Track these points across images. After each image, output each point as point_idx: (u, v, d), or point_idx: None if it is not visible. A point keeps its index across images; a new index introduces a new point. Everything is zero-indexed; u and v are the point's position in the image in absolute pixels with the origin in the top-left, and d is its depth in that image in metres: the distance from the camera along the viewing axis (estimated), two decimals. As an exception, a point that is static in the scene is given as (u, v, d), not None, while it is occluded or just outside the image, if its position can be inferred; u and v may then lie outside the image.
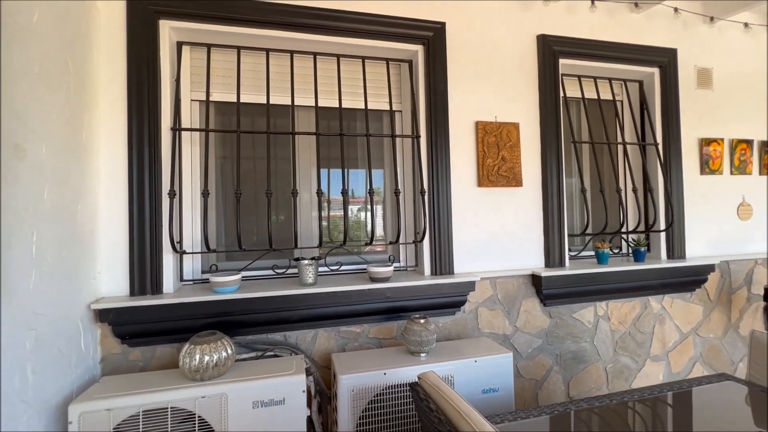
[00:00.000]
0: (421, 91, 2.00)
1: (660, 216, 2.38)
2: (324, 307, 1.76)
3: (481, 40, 2.09)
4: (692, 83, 2.49)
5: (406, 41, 1.98)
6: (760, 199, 2.64)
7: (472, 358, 1.62)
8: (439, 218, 1.97)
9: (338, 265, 1.97)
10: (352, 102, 2.02)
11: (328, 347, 1.84)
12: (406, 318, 1.92)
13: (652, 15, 2.38)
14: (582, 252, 2.39)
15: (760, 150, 2.65)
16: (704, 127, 2.52)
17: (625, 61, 2.34)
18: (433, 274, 1.96)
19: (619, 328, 2.29)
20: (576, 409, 1.32)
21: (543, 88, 2.17)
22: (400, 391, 1.52)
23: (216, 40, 1.81)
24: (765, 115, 2.67)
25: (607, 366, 2.26)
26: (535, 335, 2.13)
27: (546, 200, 2.15)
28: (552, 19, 2.20)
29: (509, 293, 2.10)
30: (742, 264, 2.58)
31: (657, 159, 2.39)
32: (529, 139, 2.15)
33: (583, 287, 2.15)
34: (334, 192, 2.07)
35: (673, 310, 2.41)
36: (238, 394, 1.38)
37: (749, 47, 2.65)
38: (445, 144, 1.99)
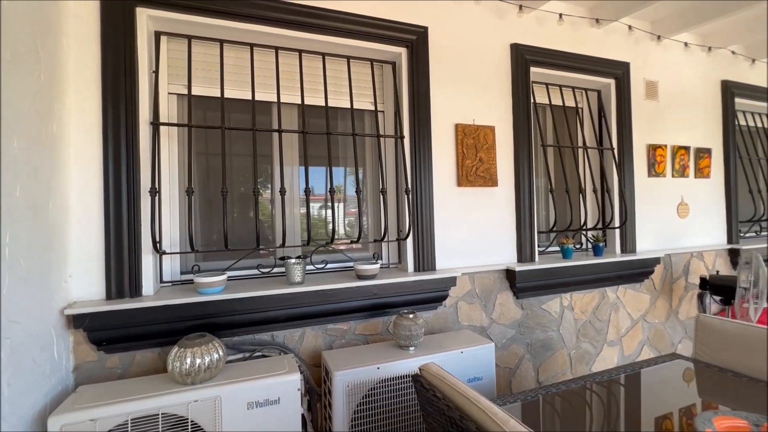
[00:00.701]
0: (405, 92, 2.05)
1: (615, 214, 2.62)
2: (312, 306, 1.76)
3: (461, 46, 2.18)
4: (642, 94, 2.76)
5: (390, 43, 2.02)
6: (695, 200, 2.98)
7: (458, 350, 1.71)
8: (422, 216, 2.04)
9: (324, 263, 1.98)
10: (334, 101, 2.02)
11: (316, 345, 1.85)
12: (391, 314, 1.97)
13: (610, 30, 2.60)
14: (549, 248, 2.57)
15: (695, 156, 2.99)
16: (651, 134, 2.80)
17: (586, 71, 2.54)
18: (416, 271, 2.03)
19: (581, 317, 2.50)
20: (555, 392, 1.44)
21: (516, 94, 2.30)
22: (393, 384, 1.57)
23: (197, 32, 1.74)
24: (698, 125, 3.02)
25: (571, 352, 2.46)
26: (509, 326, 2.27)
27: (519, 199, 2.29)
28: (524, 29, 2.34)
29: (486, 287, 2.22)
30: (681, 257, 2.90)
31: (613, 162, 2.62)
32: (504, 141, 2.28)
33: (551, 280, 2.32)
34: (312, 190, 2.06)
35: (626, 299, 2.67)
36: (232, 396, 1.36)
37: (688, 64, 2.98)
38: (428, 145, 2.06)
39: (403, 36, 2.02)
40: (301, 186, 2.01)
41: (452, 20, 2.16)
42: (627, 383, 1.49)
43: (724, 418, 1.08)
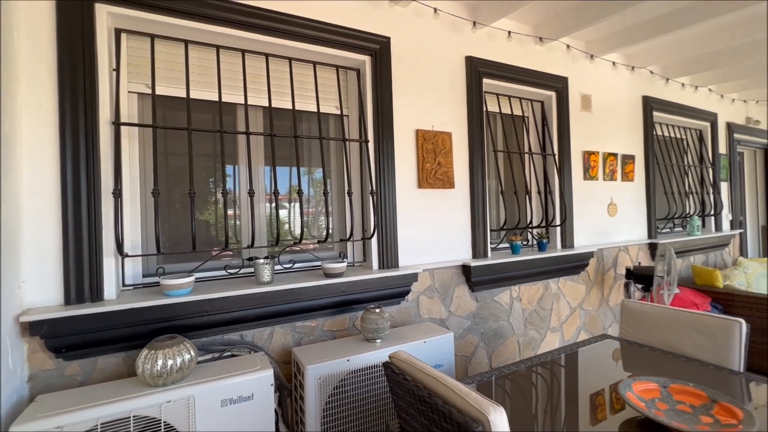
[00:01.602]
0: (369, 98, 2.15)
1: (556, 213, 2.91)
2: (281, 304, 1.81)
3: (421, 56, 2.32)
4: (578, 106, 3.09)
5: (354, 51, 2.10)
6: (622, 200, 3.38)
7: (421, 340, 1.84)
8: (385, 217, 2.15)
9: (292, 263, 2.03)
10: (301, 104, 2.08)
11: (285, 343, 1.89)
12: (357, 310, 2.06)
13: (552, 48, 2.89)
14: (500, 245, 2.80)
15: (622, 161, 3.40)
16: (586, 142, 3.14)
17: (531, 84, 2.80)
18: (380, 268, 2.14)
19: (527, 307, 2.76)
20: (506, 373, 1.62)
21: (470, 103, 2.49)
22: (362, 374, 1.66)
23: (160, 31, 1.72)
24: (624, 134, 3.43)
25: (519, 339, 2.71)
26: (465, 317, 2.46)
27: (473, 200, 2.48)
28: (478, 43, 2.54)
29: (445, 282, 2.38)
30: (611, 251, 3.29)
31: (554, 166, 2.92)
32: (460, 146, 2.46)
33: (502, 274, 2.54)
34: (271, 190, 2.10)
35: (566, 290, 2.97)
36: (205, 395, 1.38)
37: (616, 80, 3.37)
38: (391, 149, 2.18)
39: (367, 45, 2.12)
40: (265, 186, 2.04)
41: (413, 32, 2.29)
42: (566, 362, 1.71)
43: (640, 383, 1.31)
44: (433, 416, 1.04)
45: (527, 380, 1.57)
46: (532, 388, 1.52)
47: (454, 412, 0.94)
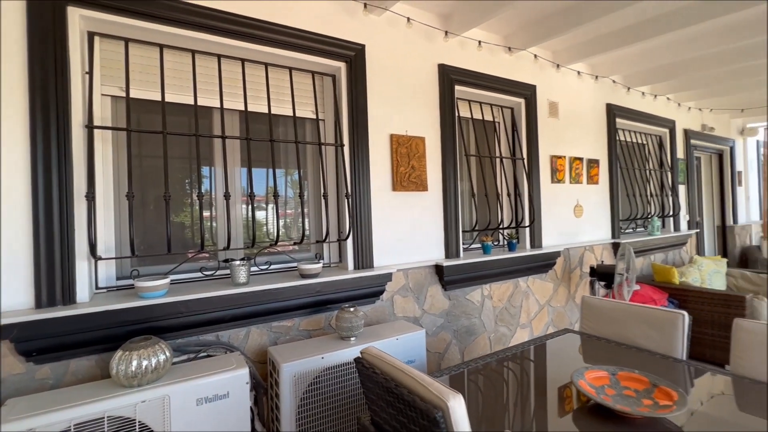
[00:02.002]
0: (344, 103, 2.21)
1: (526, 215, 3.05)
2: (257, 305, 1.85)
3: (395, 64, 2.40)
4: (546, 112, 3.24)
5: (330, 57, 2.16)
6: (588, 202, 3.57)
7: (394, 337, 1.92)
8: (360, 218, 2.22)
9: (268, 264, 2.07)
10: (277, 108, 2.12)
11: (261, 343, 1.93)
12: (333, 309, 2.12)
13: (520, 57, 3.03)
14: (472, 245, 2.91)
15: (587, 165, 3.58)
16: (554, 147, 3.30)
17: (502, 91, 2.93)
18: (356, 269, 2.21)
19: (498, 305, 2.88)
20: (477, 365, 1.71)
21: (443, 109, 2.59)
22: (336, 371, 1.72)
23: (135, 35, 1.73)
24: (589, 140, 3.62)
25: (490, 335, 2.82)
26: (438, 315, 2.55)
27: (446, 202, 2.58)
28: (450, 52, 2.64)
29: (418, 281, 2.47)
30: (577, 250, 3.46)
31: (524, 170, 3.05)
32: (433, 150, 2.55)
33: (474, 273, 2.65)
34: (248, 192, 2.14)
35: (534, 288, 3.12)
36: (181, 394, 1.41)
37: (581, 89, 3.55)
38: (366, 153, 2.25)
39: (342, 52, 2.18)
40: (242, 187, 2.07)
41: (387, 40, 2.37)
42: (533, 355, 1.82)
43: (592, 371, 1.42)
44: (399, 406, 1.11)
45: (494, 372, 1.67)
46: (497, 379, 1.61)
47: (417, 401, 1.02)
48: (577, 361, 1.70)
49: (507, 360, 1.75)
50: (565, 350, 1.84)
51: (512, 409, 1.36)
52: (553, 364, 1.70)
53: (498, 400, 1.43)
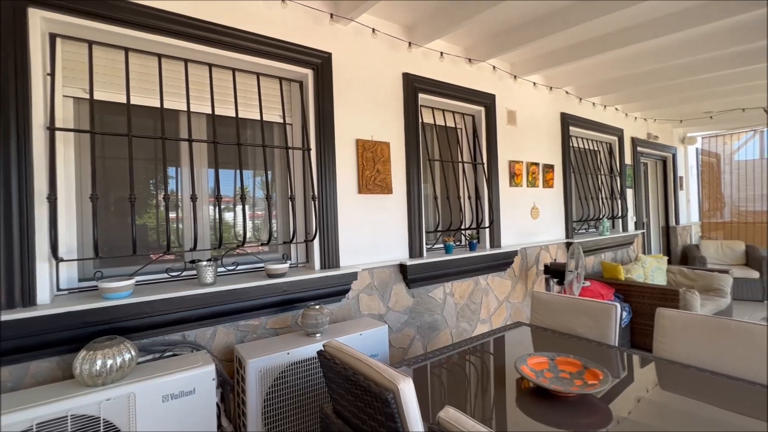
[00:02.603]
0: (311, 109, 2.29)
1: (485, 216, 3.24)
2: (224, 304, 1.90)
3: (361, 71, 2.51)
4: (505, 120, 3.45)
5: (297, 64, 2.24)
6: (543, 205, 3.82)
7: (358, 332, 2.02)
8: (327, 220, 2.31)
9: (235, 265, 2.11)
10: (244, 112, 2.17)
11: (228, 342, 1.97)
12: (300, 308, 2.19)
13: (480, 68, 3.22)
14: (435, 245, 3.06)
15: (543, 170, 3.83)
16: (512, 152, 3.51)
17: (463, 99, 3.10)
18: (322, 268, 2.29)
19: (460, 302, 3.04)
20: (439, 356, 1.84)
21: (407, 115, 2.72)
22: (301, 366, 1.80)
23: (98, 38, 1.74)
24: (544, 146, 3.87)
25: (452, 330, 2.98)
26: (402, 312, 2.68)
27: (410, 205, 2.71)
28: (413, 61, 2.78)
29: (383, 280, 2.58)
30: (534, 249, 3.70)
31: (483, 174, 3.24)
32: (397, 155, 2.68)
33: (437, 272, 2.79)
34: (215, 194, 2.18)
35: (494, 285, 3.31)
36: (147, 391, 1.45)
37: (537, 99, 3.80)
38: (332, 157, 2.34)
39: (310, 59, 2.26)
40: (209, 188, 2.11)
41: (354, 49, 2.47)
42: (486, 346, 1.98)
43: (534, 357, 1.59)
44: (357, 392, 1.22)
45: (452, 362, 1.80)
46: (455, 367, 1.74)
47: (372, 385, 1.13)
48: (527, 350, 1.87)
49: (466, 351, 1.89)
50: (517, 341, 2.01)
51: (471, 393, 1.49)
52: (507, 353, 1.86)
53: (456, 386, 1.56)
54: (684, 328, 1.72)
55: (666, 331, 1.77)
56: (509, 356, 1.80)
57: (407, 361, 1.76)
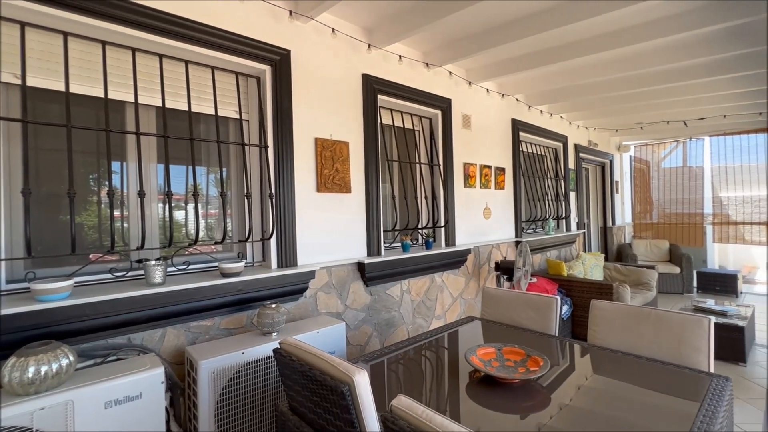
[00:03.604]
0: (269, 106, 2.26)
1: (441, 216, 3.36)
2: (174, 305, 1.83)
3: (321, 70, 2.51)
4: (460, 124, 3.60)
5: (255, 60, 2.20)
6: (495, 205, 4.02)
7: (315, 330, 2.03)
8: (285, 218, 2.29)
9: (186, 264, 2.04)
10: (198, 106, 2.10)
11: (178, 344, 1.90)
12: (255, 307, 2.16)
13: (437, 73, 3.33)
14: (393, 243, 3.13)
15: (495, 172, 4.04)
16: (466, 155, 3.67)
17: (421, 103, 3.19)
18: (279, 267, 2.27)
19: (416, 299, 3.13)
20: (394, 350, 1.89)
21: (366, 116, 2.76)
22: (257, 366, 1.78)
23: (32, 19, 1.61)
24: (497, 150, 4.08)
25: (409, 327, 3.06)
26: (360, 310, 2.71)
27: (368, 204, 2.76)
28: (373, 63, 2.83)
29: (341, 278, 2.60)
30: (486, 248, 3.88)
31: (440, 175, 3.36)
32: (356, 155, 2.71)
33: (394, 270, 2.86)
34: (165, 191, 2.10)
35: (448, 282, 3.44)
36: (87, 398, 1.36)
37: (490, 105, 4.00)
38: (290, 154, 2.32)
39: (268, 55, 2.23)
40: (156, 186, 2.02)
41: (313, 47, 2.47)
42: (440, 340, 2.06)
43: (483, 348, 1.69)
44: (313, 387, 1.23)
45: (407, 357, 1.86)
46: (410, 362, 1.81)
47: (328, 379, 1.15)
48: (478, 342, 1.98)
49: (421, 346, 1.96)
50: (469, 334, 2.12)
51: (426, 385, 1.56)
52: (460, 346, 1.95)
53: (411, 379, 1.62)
54: (613, 317, 1.90)
55: (598, 321, 1.95)
56: (462, 349, 1.90)
57: (364, 357, 1.80)
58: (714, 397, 1.33)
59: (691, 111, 5.02)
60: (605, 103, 4.67)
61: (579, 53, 3.09)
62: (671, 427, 1.17)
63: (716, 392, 1.36)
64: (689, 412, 1.24)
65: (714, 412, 1.23)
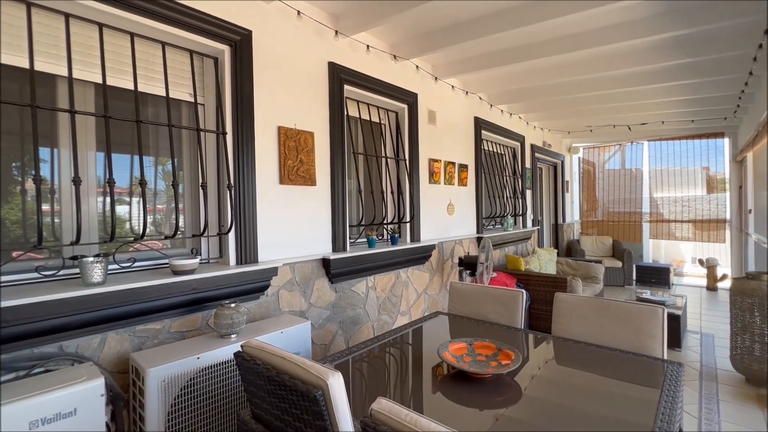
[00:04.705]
0: (228, 89, 2.09)
1: (407, 211, 3.33)
2: (116, 307, 1.63)
3: (285, 55, 2.36)
4: (426, 119, 3.58)
5: (212, 38, 2.02)
6: (458, 201, 4.07)
7: (278, 330, 1.90)
8: (245, 212, 2.13)
9: (132, 261, 1.82)
10: (146, 85, 1.89)
11: (121, 350, 1.70)
12: (212, 308, 1.99)
13: (405, 66, 3.29)
14: (358, 239, 3.05)
15: (458, 169, 4.08)
16: (432, 151, 3.66)
17: (388, 95, 3.13)
18: (238, 264, 2.11)
19: (381, 295, 3.08)
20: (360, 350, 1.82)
21: (332, 106, 2.65)
22: (214, 371, 1.63)
23: (-65, -32, 1.34)
24: (460, 147, 4.13)
25: (374, 324, 3.00)
26: (325, 308, 2.61)
27: (333, 198, 2.65)
28: (340, 51, 2.72)
29: (305, 275, 2.48)
30: (449, 243, 3.92)
31: (405, 170, 3.32)
32: (322, 146, 2.59)
33: (360, 266, 2.78)
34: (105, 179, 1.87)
35: (413, 278, 3.42)
36: (5, 419, 1.16)
37: (455, 101, 4.03)
38: (251, 143, 2.16)
39: (227, 34, 2.05)
40: (93, 176, 1.79)
41: (277, 29, 2.32)
42: (406, 337, 2.02)
43: (454, 343, 1.66)
44: (281, 393, 1.13)
45: (374, 356, 1.80)
46: (377, 361, 1.74)
47: (298, 384, 1.06)
48: (446, 338, 1.96)
49: (387, 343, 1.90)
50: (436, 329, 2.09)
51: (394, 384, 1.50)
52: (428, 342, 1.92)
53: (379, 378, 1.56)
54: (576, 309, 1.96)
55: (562, 313, 2.01)
56: (430, 345, 1.87)
57: (330, 357, 1.71)
58: (671, 384, 1.39)
59: (635, 116, 5.40)
60: (560, 105, 4.89)
61: (538, 54, 3.17)
62: (638, 414, 1.21)
63: (673, 379, 1.43)
64: (652, 399, 1.29)
65: (674, 398, 1.29)
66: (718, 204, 6.96)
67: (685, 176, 7.26)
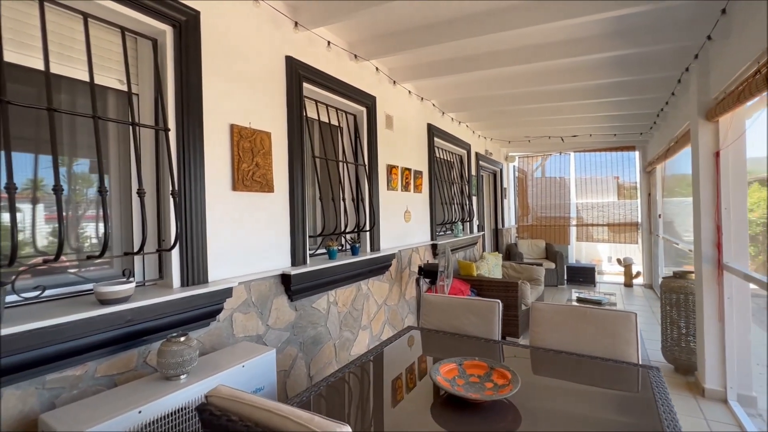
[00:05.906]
0: (170, 77, 1.75)
1: (366, 219, 3.16)
2: (17, 354, 1.23)
3: (238, 43, 2.07)
4: (384, 124, 3.46)
5: (150, 15, 1.68)
6: (414, 208, 4.00)
7: (239, 364, 1.61)
8: (191, 223, 1.80)
9: (40, 289, 1.41)
10: (61, 66, 1.50)
11: (24, 410, 1.29)
12: (151, 341, 1.63)
13: (364, 67, 3.13)
14: (317, 251, 2.81)
15: (414, 176, 4.02)
16: (389, 157, 3.55)
17: (347, 97, 2.95)
18: (184, 285, 1.77)
19: (343, 310, 2.86)
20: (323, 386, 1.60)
21: (290, 105, 2.40)
22: (163, 425, 1.30)
23: None
24: (416, 153, 4.08)
25: (336, 342, 2.78)
26: (284, 329, 2.33)
27: (293, 205, 2.39)
28: (299, 45, 2.48)
29: (263, 294, 2.19)
30: (407, 252, 3.82)
31: (365, 176, 3.16)
32: (279, 149, 2.33)
33: (321, 280, 2.55)
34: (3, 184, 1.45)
35: (374, 289, 3.26)
36: None
37: (410, 107, 3.97)
38: (199, 142, 1.84)
39: (169, 12, 1.72)
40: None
41: (229, 13, 2.02)
42: (379, 359, 1.84)
43: (444, 365, 1.53)
44: (269, 456, 0.90)
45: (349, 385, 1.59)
46: (350, 393, 1.54)
47: (297, 446, 0.84)
48: (422, 355, 1.82)
49: (360, 370, 1.70)
50: (415, 348, 1.95)
51: (388, 416, 1.31)
52: (405, 362, 1.76)
53: (366, 411, 1.36)
54: (552, 317, 1.96)
55: (539, 322, 1.99)
56: (410, 365, 1.72)
57: (300, 395, 1.48)
58: (660, 390, 1.41)
59: (568, 129, 5.85)
60: (503, 115, 5.11)
61: (489, 65, 3.23)
62: (645, 425, 1.18)
63: (659, 385, 1.46)
64: (650, 407, 1.28)
65: (668, 402, 1.30)
66: (631, 209, 7.85)
67: (602, 184, 8.10)
